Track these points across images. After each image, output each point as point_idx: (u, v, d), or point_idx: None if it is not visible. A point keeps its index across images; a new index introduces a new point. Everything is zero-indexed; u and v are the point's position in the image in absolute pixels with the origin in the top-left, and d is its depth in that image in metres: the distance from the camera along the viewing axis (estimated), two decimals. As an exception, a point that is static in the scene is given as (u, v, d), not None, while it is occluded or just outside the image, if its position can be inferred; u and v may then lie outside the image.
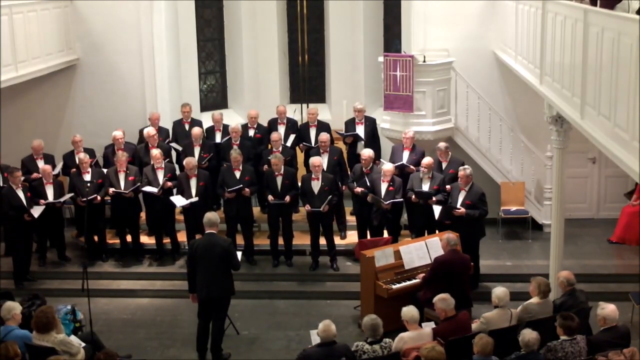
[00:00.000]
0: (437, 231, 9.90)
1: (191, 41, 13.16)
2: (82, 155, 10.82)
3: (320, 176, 10.21)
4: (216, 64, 13.80)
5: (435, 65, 11.12)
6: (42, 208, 10.23)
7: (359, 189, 10.32)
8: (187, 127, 11.81)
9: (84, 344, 7.31)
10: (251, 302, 10.01)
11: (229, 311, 8.70)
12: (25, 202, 10.13)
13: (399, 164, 10.64)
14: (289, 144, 11.39)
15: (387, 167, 10.19)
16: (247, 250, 10.60)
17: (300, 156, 11.69)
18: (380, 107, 12.09)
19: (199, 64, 13.47)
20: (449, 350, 6.59)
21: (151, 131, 11.17)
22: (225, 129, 11.60)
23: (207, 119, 12.28)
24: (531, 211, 11.56)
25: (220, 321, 8.46)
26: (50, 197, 10.44)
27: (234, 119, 12.88)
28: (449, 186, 10.11)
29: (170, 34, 12.49)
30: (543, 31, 8.61)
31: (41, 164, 10.89)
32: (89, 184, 10.27)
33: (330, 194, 10.17)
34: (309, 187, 10.26)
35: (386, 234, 10.38)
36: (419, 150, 10.78)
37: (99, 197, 10.52)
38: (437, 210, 9.94)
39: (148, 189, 10.52)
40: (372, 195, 10.09)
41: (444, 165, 10.62)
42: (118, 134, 11.25)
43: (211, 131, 11.81)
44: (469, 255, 8.87)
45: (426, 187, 10.14)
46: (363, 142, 11.34)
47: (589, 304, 7.70)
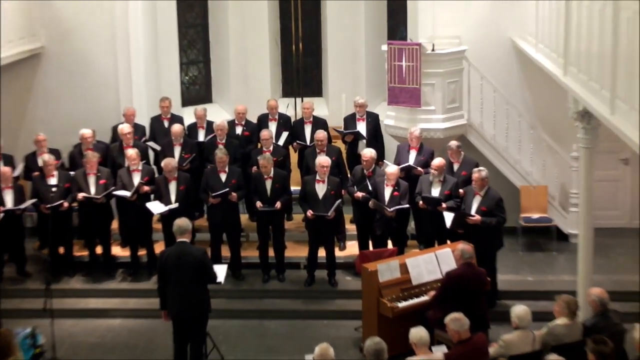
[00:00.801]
0: (448, 242, 9.90)
1: (171, 27, 13.22)
2: (46, 157, 10.75)
3: (327, 179, 10.17)
4: (199, 52, 13.91)
5: (446, 54, 11.14)
6: (-1, 216, 10.22)
7: (359, 194, 10.28)
8: (166, 123, 11.82)
9: (45, 373, 7.27)
10: (238, 322, 9.98)
11: (213, 334, 8.66)
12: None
13: (404, 165, 10.62)
14: (281, 142, 11.40)
15: (392, 169, 10.16)
16: (233, 264, 10.54)
17: (294, 156, 11.73)
18: (383, 102, 12.14)
19: (180, 53, 13.53)
20: (463, 379, 6.55)
21: (126, 128, 11.14)
22: (210, 126, 11.61)
23: (189, 115, 12.31)
24: (555, 219, 11.57)
25: (198, 344, 8.38)
26: (9, 203, 10.37)
27: (219, 114, 12.90)
28: (461, 190, 10.12)
29: (148, 19, 12.51)
30: (567, 16, 8.57)
31: (-1, 165, 10.89)
32: (54, 189, 10.25)
33: (337, 199, 10.15)
34: (312, 191, 10.23)
35: (391, 244, 10.33)
36: (427, 150, 10.78)
37: (65, 204, 10.49)
38: (449, 217, 9.89)
39: (121, 193, 10.49)
40: (375, 200, 10.05)
41: (455, 167, 10.65)
42: (86, 132, 11.26)
43: (193, 128, 11.83)
44: (485, 270, 8.83)
45: (437, 192, 10.13)
46: (364, 141, 11.34)
47: (624, 325, 7.61)
